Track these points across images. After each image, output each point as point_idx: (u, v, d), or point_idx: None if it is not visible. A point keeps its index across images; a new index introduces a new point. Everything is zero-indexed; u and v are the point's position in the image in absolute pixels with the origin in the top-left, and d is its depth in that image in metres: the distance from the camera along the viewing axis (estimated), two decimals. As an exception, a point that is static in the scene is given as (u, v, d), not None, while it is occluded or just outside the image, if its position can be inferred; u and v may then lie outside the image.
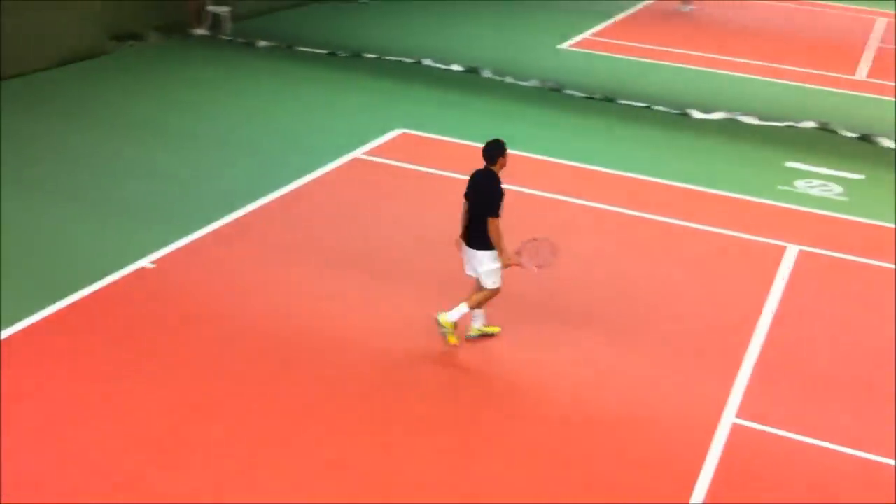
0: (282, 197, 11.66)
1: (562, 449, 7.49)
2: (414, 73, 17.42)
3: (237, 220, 10.93)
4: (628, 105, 16.52)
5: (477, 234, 8.44)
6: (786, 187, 13.22)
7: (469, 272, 8.73)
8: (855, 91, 18.92)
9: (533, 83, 17.27)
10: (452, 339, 8.58)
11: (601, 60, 19.70)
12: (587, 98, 16.73)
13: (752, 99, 17.42)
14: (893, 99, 18.27)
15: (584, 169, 13.41)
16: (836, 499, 7.18)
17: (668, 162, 13.97)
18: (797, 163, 14.18)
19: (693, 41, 21.60)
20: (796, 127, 16.01)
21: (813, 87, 18.87)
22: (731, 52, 20.74)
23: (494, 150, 8.43)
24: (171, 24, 18.74)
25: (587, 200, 12.24)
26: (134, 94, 15.33)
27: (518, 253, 8.62)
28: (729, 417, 7.99)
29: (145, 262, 9.77)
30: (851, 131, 15.88)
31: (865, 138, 15.65)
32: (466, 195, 8.59)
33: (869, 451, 7.71)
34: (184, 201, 11.40)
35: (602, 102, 16.60)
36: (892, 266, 10.96)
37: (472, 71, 17.64)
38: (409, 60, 17.96)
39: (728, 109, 16.53)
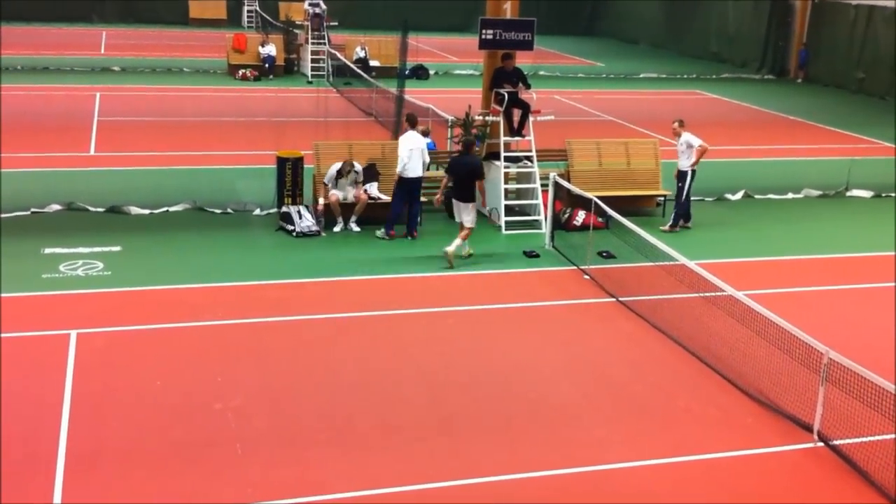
0: None
1: None
2: None
3: None
4: None
5: (468, 193, 14.45)
6: (51, 274, 13.26)
7: (459, 218, 14.70)
8: (92, 166, 19.71)
9: None
10: (452, 261, 14.19)
11: None
12: None
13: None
14: (125, 168, 19.50)
15: None
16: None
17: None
18: (56, 248, 14.28)
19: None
20: (44, 212, 16.11)
21: (52, 169, 19.13)
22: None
23: (471, 143, 15.10)
24: None
25: None
26: None
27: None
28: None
29: None
30: (99, 206, 16.50)
31: (114, 210, 16.40)
32: (450, 172, 14.68)
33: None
34: None
35: None
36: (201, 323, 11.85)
37: None
38: None
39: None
